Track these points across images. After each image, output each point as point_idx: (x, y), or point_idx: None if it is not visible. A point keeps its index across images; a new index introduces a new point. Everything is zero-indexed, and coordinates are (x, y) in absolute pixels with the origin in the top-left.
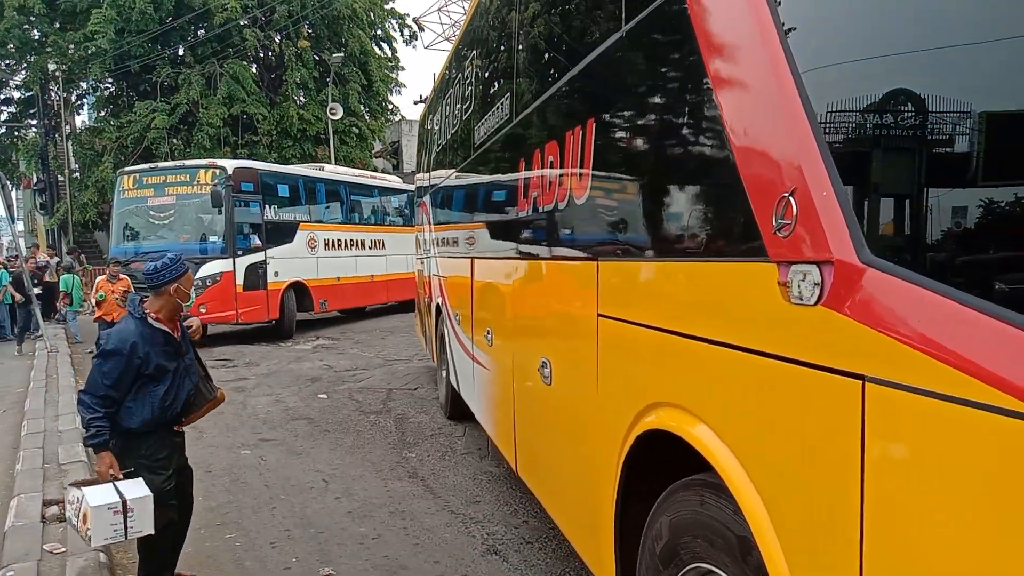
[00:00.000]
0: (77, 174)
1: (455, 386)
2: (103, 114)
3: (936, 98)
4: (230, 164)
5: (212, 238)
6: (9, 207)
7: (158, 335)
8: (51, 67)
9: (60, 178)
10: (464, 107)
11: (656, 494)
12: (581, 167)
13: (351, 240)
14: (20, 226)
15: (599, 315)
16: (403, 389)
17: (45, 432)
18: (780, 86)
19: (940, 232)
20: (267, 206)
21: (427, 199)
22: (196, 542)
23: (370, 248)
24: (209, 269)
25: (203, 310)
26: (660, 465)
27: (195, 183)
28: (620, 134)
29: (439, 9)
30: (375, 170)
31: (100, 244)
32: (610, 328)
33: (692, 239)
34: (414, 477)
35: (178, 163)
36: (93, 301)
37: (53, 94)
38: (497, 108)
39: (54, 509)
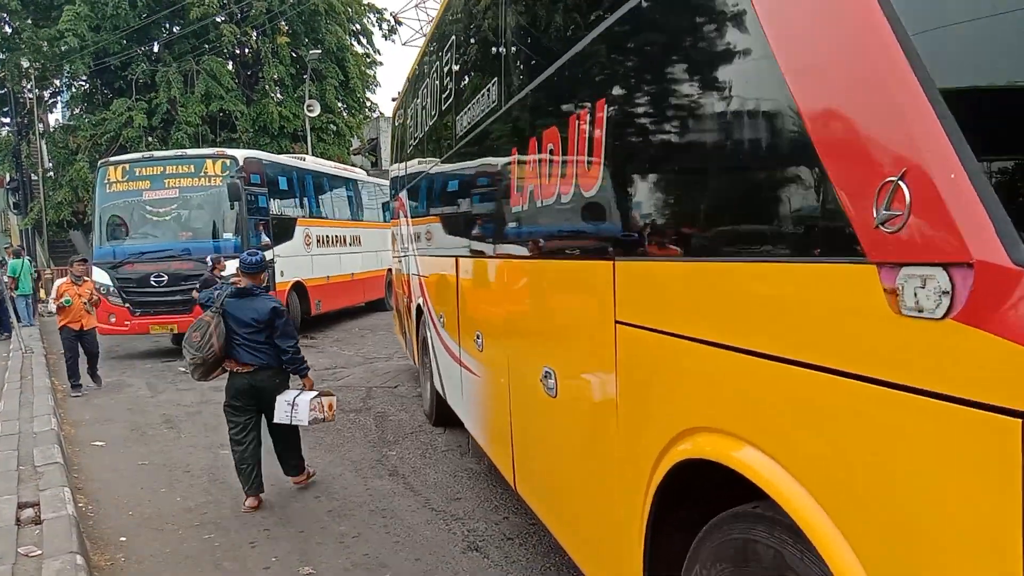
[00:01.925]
0: (51, 173)
1: (440, 392)
2: (77, 112)
3: None
4: (240, 154)
5: (226, 235)
6: None
7: None
8: (24, 64)
9: (34, 177)
10: (444, 96)
11: (688, 522)
12: (590, 155)
13: (338, 237)
14: None
15: (617, 322)
16: (383, 387)
17: (20, 434)
18: (871, 27)
19: None
20: (271, 200)
21: (403, 194)
22: (174, 543)
23: (351, 245)
24: (225, 269)
25: None
26: (694, 490)
27: (202, 174)
28: (645, 111)
29: (416, 5)
30: (353, 167)
31: (75, 243)
32: (631, 337)
33: (748, 235)
34: (394, 475)
35: (178, 152)
36: (54, 307)
37: (26, 91)
38: (483, 95)
39: (29, 512)
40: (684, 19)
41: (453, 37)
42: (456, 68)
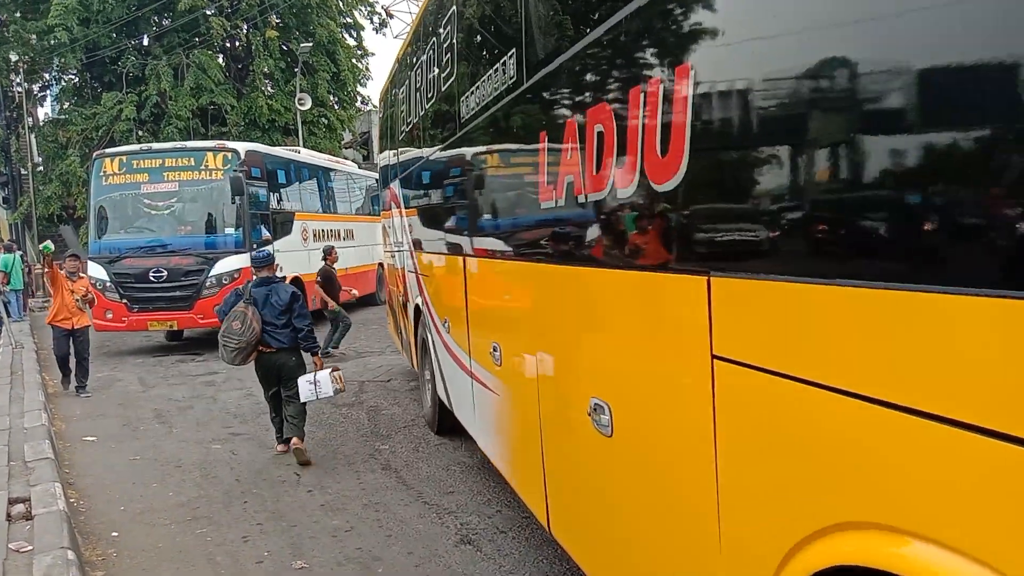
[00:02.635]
0: (41, 167)
1: (445, 401)
2: (67, 106)
3: None
4: (242, 147)
5: (227, 230)
6: None
7: None
8: (13, 57)
9: (23, 171)
10: (445, 75)
11: None
12: (665, 136)
13: (333, 231)
14: None
15: (715, 357)
16: (375, 381)
17: (10, 430)
18: None
19: None
20: (271, 193)
21: (396, 184)
22: (166, 538)
23: (344, 239)
24: (225, 265)
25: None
26: None
27: (203, 167)
28: (760, 73)
29: None
30: (345, 160)
31: (65, 238)
32: (740, 381)
33: (950, 250)
34: (387, 469)
35: (178, 144)
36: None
37: (15, 85)
38: (498, 70)
39: (20, 507)
40: None
41: (454, 6)
42: (459, 41)
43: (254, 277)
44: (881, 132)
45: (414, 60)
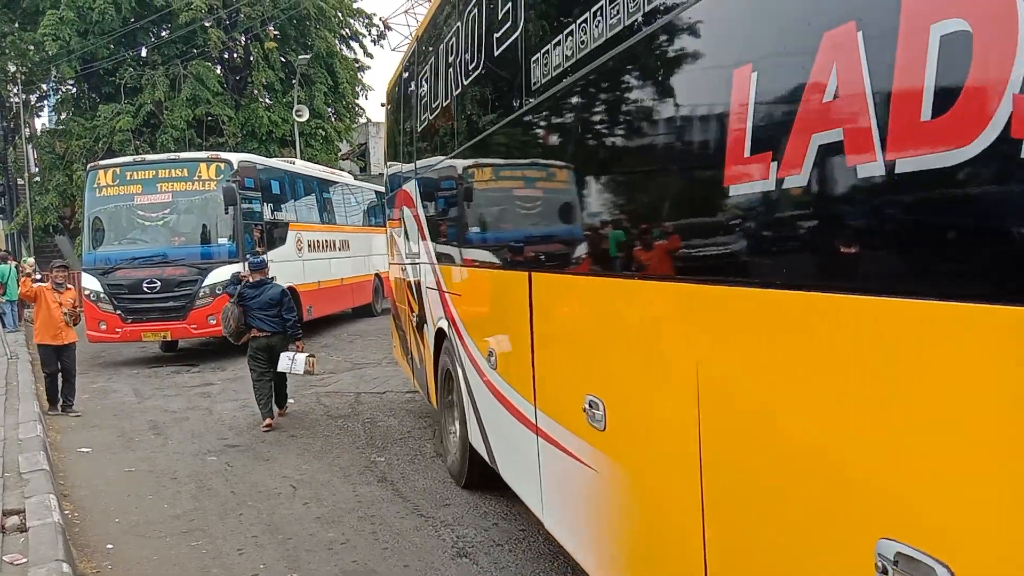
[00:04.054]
0: (38, 178)
1: (482, 452)
2: (64, 116)
3: None
4: (234, 157)
5: (221, 240)
6: None
7: None
8: (11, 68)
9: (20, 182)
10: (501, 32)
11: None
12: None
13: (328, 241)
14: None
15: None
16: (371, 393)
17: (5, 440)
18: None
19: None
20: (264, 204)
21: (411, 186)
22: (161, 550)
23: (340, 249)
24: (219, 275)
25: (212, 322)
26: None
27: (196, 178)
28: None
29: (406, 11)
30: (341, 171)
31: (61, 248)
32: None
33: None
34: (383, 481)
35: (171, 156)
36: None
37: (13, 96)
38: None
39: (14, 519)
40: None
41: None
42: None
43: (248, 279)
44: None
45: (444, 29)
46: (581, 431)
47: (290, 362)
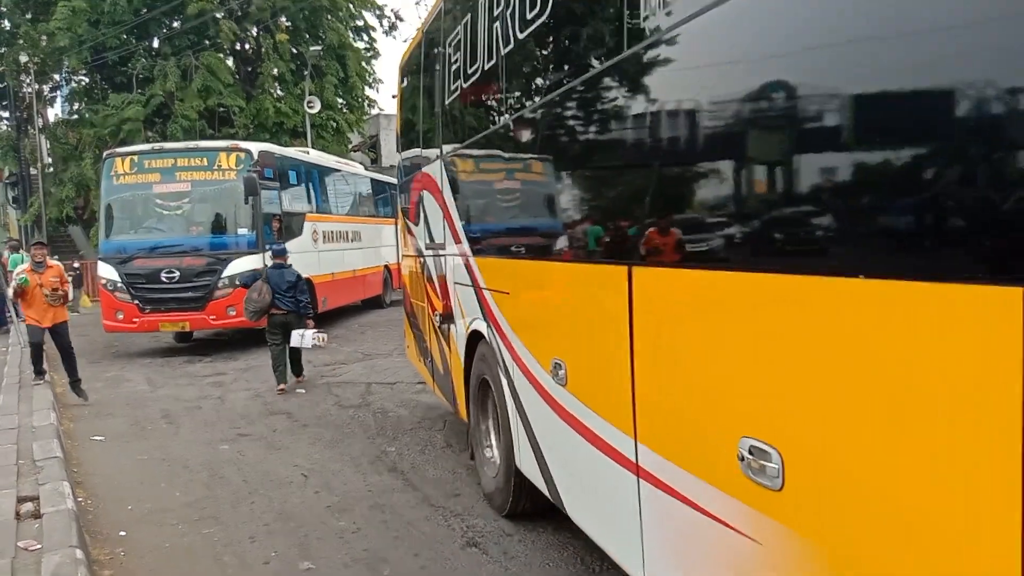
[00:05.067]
0: (51, 168)
1: (538, 482)
2: (77, 107)
3: None
4: (254, 147)
5: (241, 230)
6: None
7: None
8: (23, 59)
9: (33, 171)
10: None
11: None
12: None
13: (342, 232)
14: None
15: None
16: (382, 383)
17: (19, 428)
18: None
19: None
20: (282, 194)
21: (436, 168)
22: (174, 537)
23: (352, 241)
24: (238, 266)
25: (232, 313)
26: None
27: (215, 168)
28: None
29: (417, 2)
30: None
31: (75, 239)
32: None
33: None
34: (394, 471)
35: (190, 144)
36: (11, 292)
37: (25, 86)
38: None
39: (29, 506)
40: None
41: None
42: None
43: (271, 263)
44: None
45: None
46: (731, 485)
47: (300, 338)
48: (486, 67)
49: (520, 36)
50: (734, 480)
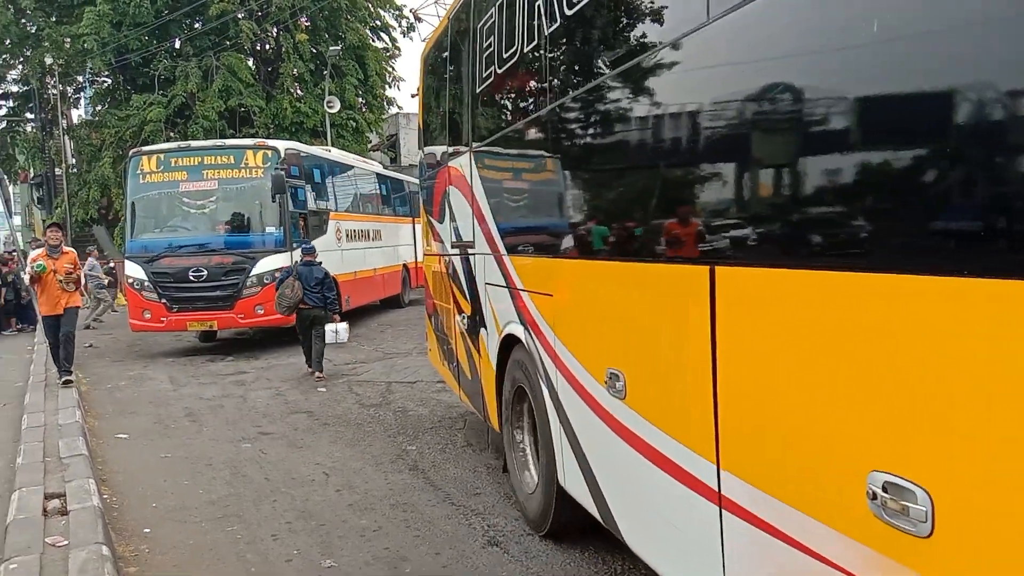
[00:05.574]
0: (75, 169)
1: (583, 500)
2: (100, 108)
3: None
4: (281, 145)
5: (268, 229)
6: (7, 201)
7: None
8: (48, 61)
9: (58, 172)
10: None
11: None
12: None
13: (363, 231)
14: (17, 220)
15: None
16: (402, 382)
17: (45, 426)
18: None
19: None
20: (308, 193)
21: (464, 161)
22: (197, 535)
23: (373, 239)
24: (266, 264)
25: (260, 311)
26: None
27: (242, 166)
28: None
29: (435, 1)
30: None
31: (99, 238)
32: None
33: None
34: (415, 470)
35: (216, 142)
36: (26, 277)
37: (50, 88)
38: None
39: (55, 503)
40: None
41: None
42: None
43: (301, 260)
44: None
45: None
46: (854, 527)
47: (335, 334)
48: (526, 49)
49: (568, 12)
50: (859, 521)
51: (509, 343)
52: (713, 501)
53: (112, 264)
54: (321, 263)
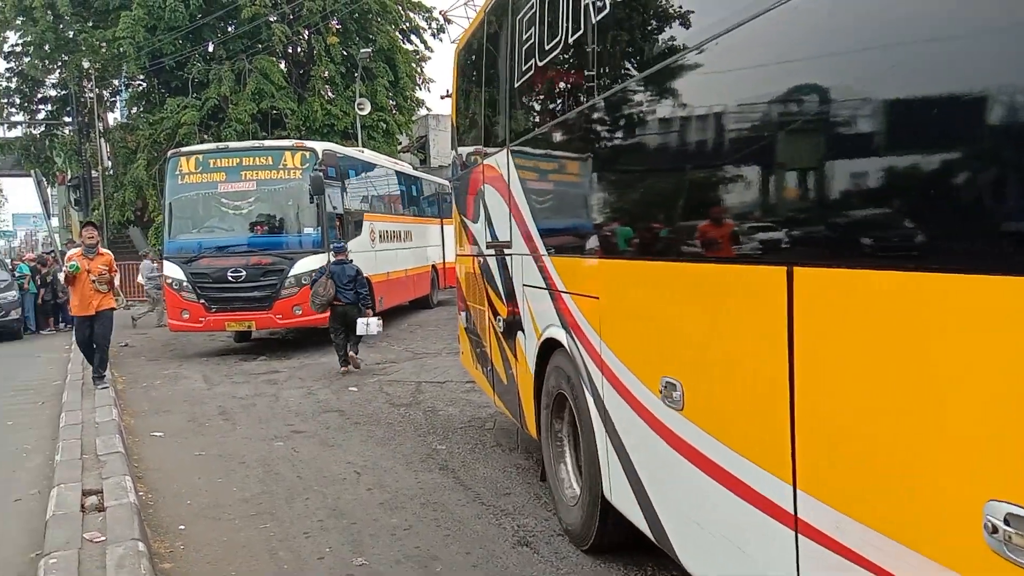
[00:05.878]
0: (111, 171)
1: (632, 516)
2: (135, 111)
3: None
4: (319, 146)
5: (306, 230)
6: (45, 203)
7: None
8: (85, 65)
9: (94, 174)
10: None
11: None
12: None
13: (396, 232)
14: (55, 222)
15: None
16: (432, 382)
17: (83, 424)
18: None
19: None
20: (344, 194)
21: (502, 158)
22: (231, 532)
23: (404, 240)
24: (304, 265)
25: (298, 312)
26: None
27: (281, 167)
28: None
29: (465, 3)
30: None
31: (134, 240)
32: None
33: None
34: (445, 469)
35: (253, 143)
36: (61, 276)
37: (87, 91)
38: None
39: (93, 499)
40: None
41: None
42: None
43: (333, 259)
44: None
45: None
46: (969, 564)
47: (365, 326)
48: (571, 40)
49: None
50: (975, 557)
51: (549, 347)
52: (787, 525)
53: (155, 265)
54: (352, 261)
